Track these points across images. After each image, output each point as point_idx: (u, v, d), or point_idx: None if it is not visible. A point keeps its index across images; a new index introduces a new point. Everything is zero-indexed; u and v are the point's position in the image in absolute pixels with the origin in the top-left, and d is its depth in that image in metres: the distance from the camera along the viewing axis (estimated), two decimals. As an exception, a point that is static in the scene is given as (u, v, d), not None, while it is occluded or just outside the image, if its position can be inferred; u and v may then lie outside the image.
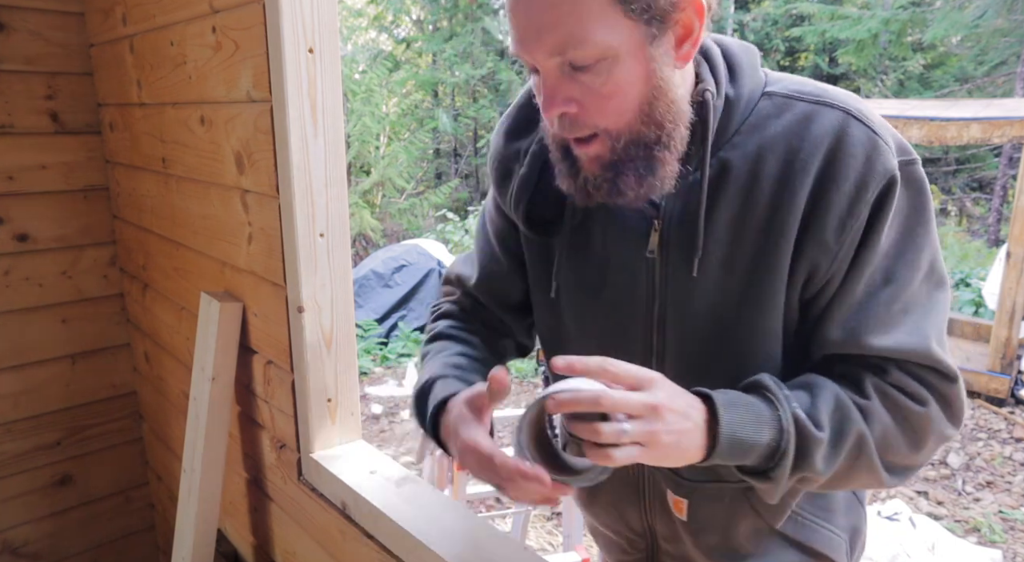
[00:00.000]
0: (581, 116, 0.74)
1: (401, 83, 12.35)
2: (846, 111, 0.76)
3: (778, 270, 0.78)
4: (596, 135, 0.75)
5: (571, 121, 0.74)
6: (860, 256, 0.77)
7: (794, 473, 0.76)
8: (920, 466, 0.84)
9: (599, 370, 0.70)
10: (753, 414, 0.74)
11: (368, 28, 13.87)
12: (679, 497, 0.94)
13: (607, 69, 0.71)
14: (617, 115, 0.74)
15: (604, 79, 0.71)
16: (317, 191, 1.09)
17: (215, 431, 1.32)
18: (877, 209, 0.75)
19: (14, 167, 1.72)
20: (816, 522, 0.95)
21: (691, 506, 0.93)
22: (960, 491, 3.63)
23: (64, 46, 1.73)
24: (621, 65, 0.71)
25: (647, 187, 0.77)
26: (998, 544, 3.19)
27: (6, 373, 1.80)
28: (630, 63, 0.71)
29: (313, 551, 1.24)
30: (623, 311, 0.88)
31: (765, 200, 0.77)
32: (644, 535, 1.02)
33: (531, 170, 0.89)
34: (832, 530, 0.97)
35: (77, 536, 2.00)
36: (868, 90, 12.09)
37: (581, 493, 1.08)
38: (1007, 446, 4.00)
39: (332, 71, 1.07)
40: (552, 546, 3.18)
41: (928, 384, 0.80)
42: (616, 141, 0.75)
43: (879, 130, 0.76)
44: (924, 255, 0.79)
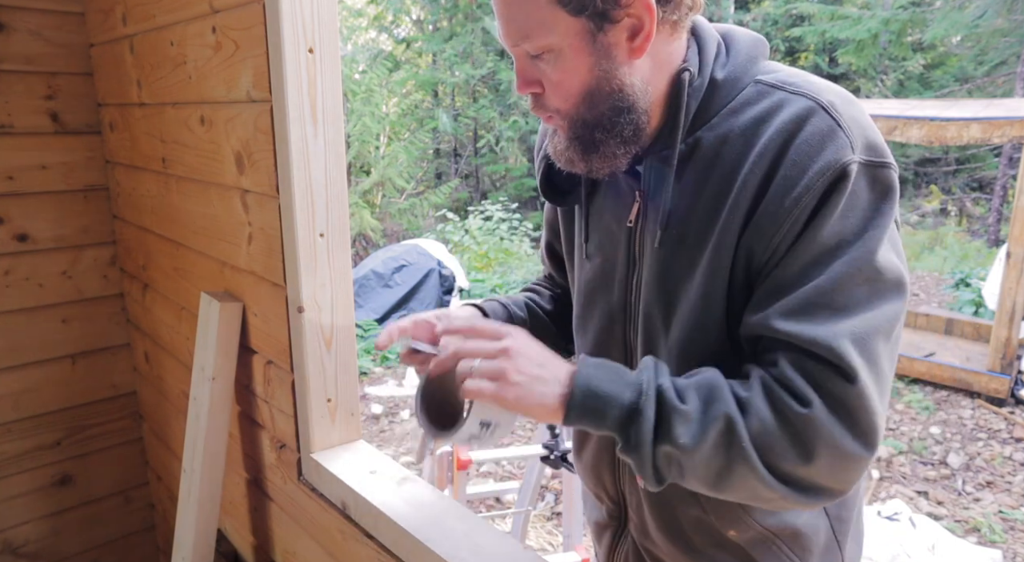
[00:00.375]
0: (542, 97, 0.84)
1: (401, 83, 12.35)
2: (816, 101, 0.77)
3: (720, 250, 0.80)
4: (552, 114, 0.85)
5: (535, 101, 0.85)
6: (797, 245, 0.75)
7: (657, 444, 0.75)
8: (823, 485, 0.75)
9: (468, 329, 0.83)
10: (614, 373, 0.79)
11: (368, 28, 13.87)
12: None
13: (553, 59, 0.80)
14: (563, 100, 0.82)
15: (552, 68, 0.80)
16: (317, 191, 1.09)
17: (215, 431, 1.32)
18: (823, 200, 0.74)
19: (14, 167, 1.72)
20: (780, 548, 0.93)
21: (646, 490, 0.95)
22: (960, 491, 3.63)
23: (64, 46, 1.73)
24: (564, 57, 0.79)
25: (590, 163, 0.85)
26: (998, 544, 3.19)
27: (6, 373, 1.80)
28: (572, 55, 0.79)
29: (313, 551, 1.24)
30: (609, 276, 0.96)
31: (722, 178, 0.81)
32: (618, 502, 1.05)
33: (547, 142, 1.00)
34: (784, 551, 0.94)
35: (77, 536, 2.00)
36: (868, 90, 12.10)
37: (575, 451, 1.13)
38: (1007, 446, 4.00)
39: (332, 71, 1.07)
40: (552, 546, 3.18)
41: (817, 383, 0.73)
42: (563, 120, 0.84)
43: (844, 123, 0.76)
44: (876, 257, 0.74)
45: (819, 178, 0.74)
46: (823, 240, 0.75)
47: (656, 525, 0.98)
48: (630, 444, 0.76)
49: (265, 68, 1.07)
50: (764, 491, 0.75)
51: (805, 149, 0.75)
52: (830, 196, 0.74)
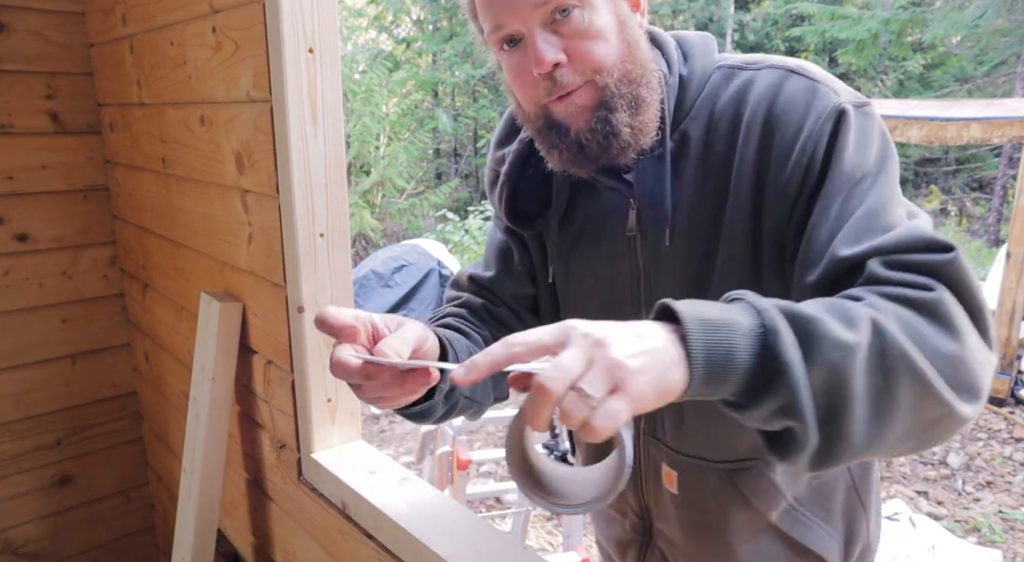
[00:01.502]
0: (571, 65, 0.78)
1: (401, 83, 12.35)
2: (783, 68, 0.81)
3: (739, 230, 0.80)
4: (584, 84, 0.79)
5: (561, 73, 0.78)
6: (824, 190, 0.74)
7: (809, 366, 0.56)
8: (976, 372, 0.62)
9: (506, 356, 0.55)
10: (718, 307, 0.60)
11: (368, 28, 13.87)
12: (670, 468, 0.95)
13: (588, 16, 0.77)
14: (605, 55, 0.78)
15: (587, 25, 0.77)
16: (317, 191, 1.09)
17: (215, 431, 1.32)
18: (831, 142, 0.74)
19: (14, 167, 1.72)
20: (812, 519, 0.94)
21: (681, 479, 0.94)
22: (960, 491, 3.63)
23: (64, 46, 1.73)
24: (598, 13, 0.78)
25: (637, 127, 0.80)
26: (998, 544, 3.19)
27: (6, 373, 1.80)
28: (604, 13, 0.78)
29: (313, 551, 1.24)
30: (613, 294, 0.92)
31: (718, 163, 0.82)
32: (641, 515, 1.03)
33: (512, 166, 0.95)
34: (827, 530, 0.96)
35: (77, 536, 2.00)
36: (868, 90, 12.09)
37: (580, 460, 1.09)
38: (1007, 446, 4.00)
39: (332, 71, 1.07)
40: (552, 546, 3.18)
41: (926, 269, 0.65)
42: (609, 78, 0.79)
43: (820, 78, 0.78)
44: (895, 181, 0.75)
45: (818, 124, 0.75)
46: (850, 175, 0.73)
47: (689, 531, 0.96)
48: (778, 383, 0.56)
49: (265, 68, 1.07)
50: (930, 404, 0.60)
51: (792, 107, 0.77)
52: (836, 137, 0.74)
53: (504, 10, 0.77)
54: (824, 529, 0.95)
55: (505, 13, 0.77)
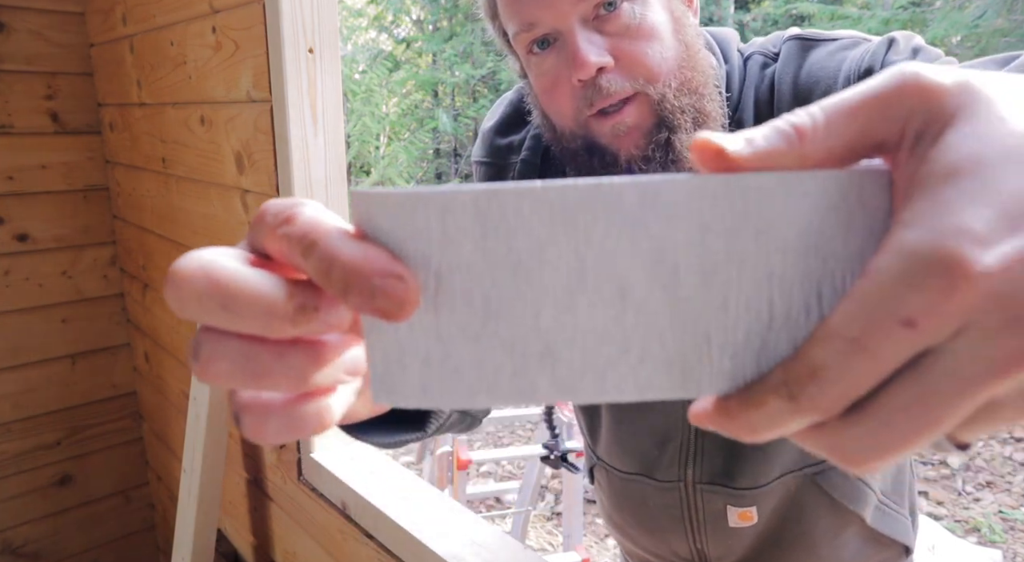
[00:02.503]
0: (620, 70, 0.65)
1: (401, 83, 12.35)
2: (795, 38, 0.74)
3: None
4: (634, 96, 0.66)
5: (608, 78, 0.65)
6: None
7: None
8: None
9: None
10: None
11: (368, 28, 13.87)
12: (743, 509, 0.84)
13: (640, 11, 0.65)
14: (660, 59, 0.65)
15: (639, 21, 0.64)
16: (317, 191, 1.09)
17: (215, 431, 1.32)
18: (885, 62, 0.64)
19: (14, 167, 1.72)
20: (896, 510, 0.89)
21: (760, 510, 0.84)
22: (960, 491, 3.63)
23: (64, 46, 1.73)
24: (650, 7, 0.66)
25: (666, 161, 0.68)
26: (998, 544, 3.19)
27: (6, 373, 1.80)
28: (658, 8, 0.67)
29: (313, 551, 1.24)
30: None
31: None
32: (691, 558, 0.92)
33: (533, 153, 0.82)
34: (905, 515, 0.91)
35: (77, 536, 2.00)
36: (868, 90, 12.09)
37: (614, 516, 0.96)
38: (1007, 446, 4.00)
39: (332, 71, 1.07)
40: (552, 546, 3.18)
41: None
42: (666, 88, 0.66)
43: (836, 36, 0.71)
44: None
45: (863, 60, 0.64)
46: None
47: (759, 552, 0.87)
48: None
49: (265, 68, 1.07)
50: None
51: (820, 66, 0.68)
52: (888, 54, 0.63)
53: (537, 4, 0.65)
54: (903, 515, 0.90)
55: (538, 8, 0.65)
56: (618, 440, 0.89)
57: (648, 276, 0.21)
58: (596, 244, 0.21)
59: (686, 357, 0.21)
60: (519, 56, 0.72)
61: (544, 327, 0.21)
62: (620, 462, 0.90)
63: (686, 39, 0.68)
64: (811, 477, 0.82)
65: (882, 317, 0.18)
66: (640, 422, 0.85)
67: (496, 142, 0.86)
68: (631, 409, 0.85)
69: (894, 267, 0.18)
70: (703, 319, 0.21)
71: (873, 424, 0.19)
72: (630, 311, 0.21)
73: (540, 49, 0.68)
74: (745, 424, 0.21)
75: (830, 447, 0.21)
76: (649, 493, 0.88)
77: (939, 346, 0.19)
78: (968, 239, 0.17)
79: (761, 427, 0.21)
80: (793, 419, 0.20)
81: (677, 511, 0.88)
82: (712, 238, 0.21)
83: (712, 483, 0.83)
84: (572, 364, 0.22)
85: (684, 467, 0.84)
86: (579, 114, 0.67)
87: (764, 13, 13.41)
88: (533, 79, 0.72)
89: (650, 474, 0.87)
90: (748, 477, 0.81)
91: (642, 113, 0.66)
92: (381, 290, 0.20)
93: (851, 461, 0.20)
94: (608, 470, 0.93)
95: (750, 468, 0.81)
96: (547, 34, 0.66)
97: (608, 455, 0.93)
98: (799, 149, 0.21)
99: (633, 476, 0.89)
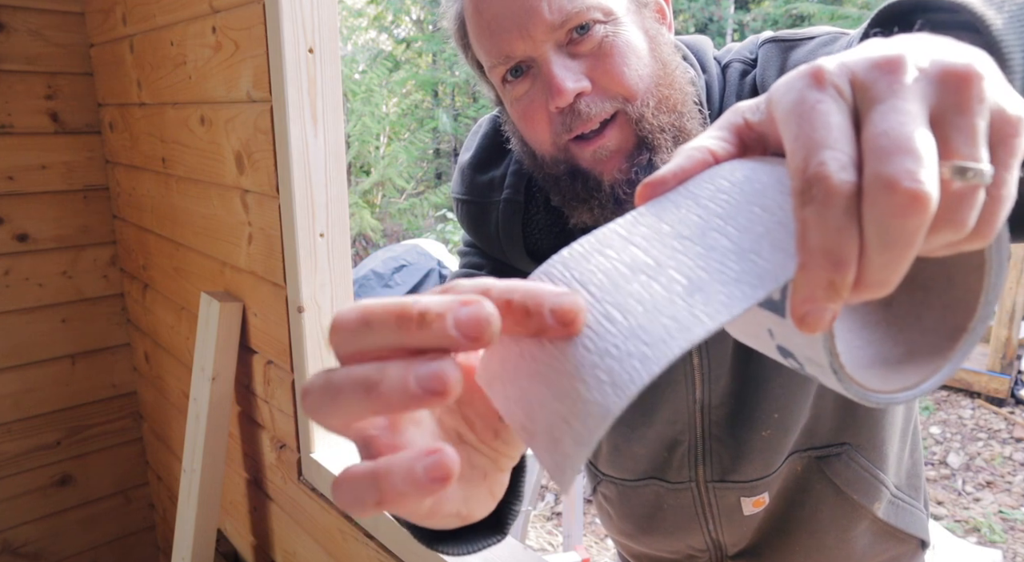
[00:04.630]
0: (597, 92, 0.65)
1: (401, 83, 12.35)
2: (769, 39, 0.74)
3: None
4: (615, 116, 0.66)
5: (585, 102, 0.65)
6: None
7: None
8: None
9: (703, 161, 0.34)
10: None
11: (368, 28, 13.87)
12: (756, 497, 0.85)
13: (612, 30, 0.65)
14: (637, 77, 0.65)
15: (612, 40, 0.64)
16: (317, 191, 1.09)
17: (215, 431, 1.32)
18: None
19: (14, 167, 1.72)
20: (912, 504, 0.89)
21: (770, 493, 0.85)
22: (960, 491, 3.63)
23: (64, 46, 1.73)
24: (624, 27, 0.65)
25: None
26: (998, 544, 3.19)
27: (6, 373, 1.80)
28: (631, 27, 0.66)
29: (313, 551, 1.24)
30: None
31: None
32: (708, 549, 0.92)
33: (515, 190, 0.79)
34: (920, 509, 0.90)
35: (77, 536, 2.00)
36: (868, 90, 12.08)
37: (625, 527, 0.96)
38: (1007, 446, 4.00)
39: (332, 71, 1.07)
40: (552, 546, 3.18)
41: None
42: (644, 107, 0.66)
43: (808, 34, 0.72)
44: None
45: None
46: None
47: (770, 537, 0.87)
48: None
49: (265, 68, 1.07)
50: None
51: (766, 72, 0.70)
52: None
53: (511, 35, 0.64)
54: (919, 509, 0.90)
55: (512, 39, 0.64)
56: (626, 450, 0.89)
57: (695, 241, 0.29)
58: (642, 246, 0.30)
59: (747, 269, 0.27)
60: (493, 86, 0.71)
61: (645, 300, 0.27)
62: (629, 471, 0.90)
63: (662, 57, 0.68)
64: (816, 461, 0.82)
65: (802, 110, 0.26)
66: (646, 430, 0.85)
67: (476, 179, 0.83)
68: (636, 421, 0.84)
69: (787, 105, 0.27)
70: (743, 246, 0.28)
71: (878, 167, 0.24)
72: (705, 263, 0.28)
73: (514, 77, 0.67)
74: (824, 252, 0.25)
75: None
76: (663, 495, 0.88)
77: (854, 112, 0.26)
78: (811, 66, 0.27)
79: (832, 244, 0.25)
80: (830, 210, 0.24)
81: (692, 510, 0.88)
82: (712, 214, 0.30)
83: (723, 480, 0.84)
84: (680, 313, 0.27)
85: (694, 468, 0.85)
86: (558, 139, 0.67)
87: (764, 13, 13.42)
88: (509, 107, 0.71)
89: (662, 476, 0.87)
90: (758, 469, 0.82)
91: (623, 135, 0.66)
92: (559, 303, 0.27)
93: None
94: (616, 483, 0.93)
95: (760, 460, 0.81)
96: (521, 62, 0.66)
97: (613, 468, 0.92)
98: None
99: (645, 481, 0.89)
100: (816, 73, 0.27)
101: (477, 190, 0.83)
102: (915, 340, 0.35)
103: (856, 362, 0.34)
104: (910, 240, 0.24)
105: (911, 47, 0.27)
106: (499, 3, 0.64)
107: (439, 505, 0.30)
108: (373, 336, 0.26)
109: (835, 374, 0.30)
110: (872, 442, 0.83)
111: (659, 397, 0.82)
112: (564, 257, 0.30)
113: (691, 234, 0.29)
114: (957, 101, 0.25)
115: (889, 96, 0.25)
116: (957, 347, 0.33)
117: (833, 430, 0.82)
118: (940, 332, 0.34)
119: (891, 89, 0.25)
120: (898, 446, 0.87)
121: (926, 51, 0.26)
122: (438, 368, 0.25)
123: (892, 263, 0.25)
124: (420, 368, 0.25)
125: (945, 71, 0.25)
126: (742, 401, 0.78)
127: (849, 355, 0.35)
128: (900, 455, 0.88)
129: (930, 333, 0.34)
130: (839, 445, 0.82)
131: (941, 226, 0.25)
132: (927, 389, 0.33)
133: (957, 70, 0.25)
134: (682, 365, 0.79)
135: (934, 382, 0.33)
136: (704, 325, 0.25)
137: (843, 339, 0.36)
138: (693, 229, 0.29)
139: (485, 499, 0.33)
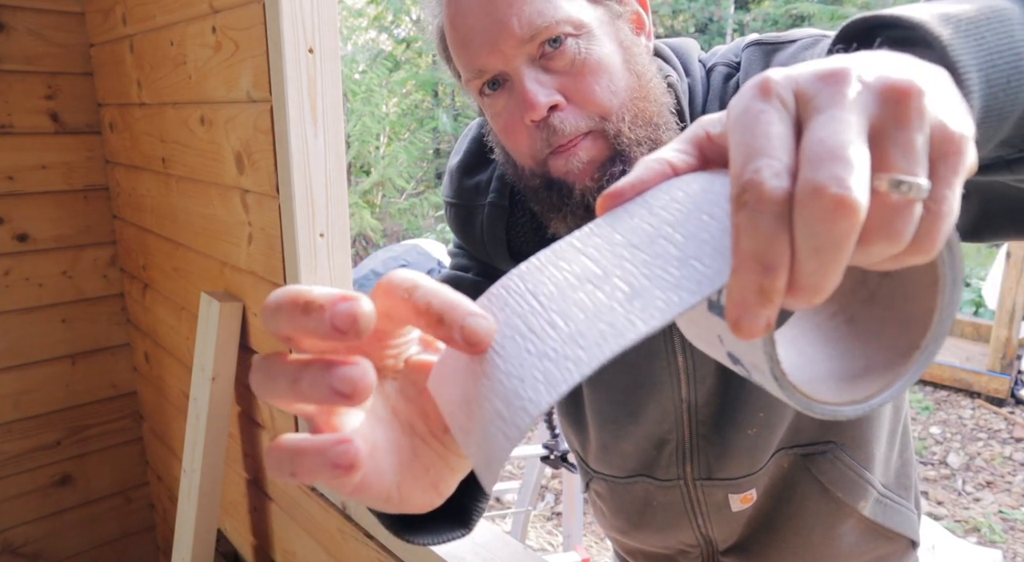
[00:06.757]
0: (572, 108, 0.66)
1: (401, 83, 12.34)
2: (753, 42, 0.74)
3: None
4: (589, 133, 0.67)
5: (560, 117, 0.65)
6: None
7: None
8: None
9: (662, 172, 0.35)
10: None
11: (368, 28, 13.86)
12: (744, 493, 0.86)
13: (585, 45, 0.65)
14: (610, 94, 0.66)
15: (584, 56, 0.65)
16: (317, 191, 1.09)
17: (215, 431, 1.32)
18: None
19: (14, 167, 1.72)
20: (900, 502, 0.89)
21: (757, 489, 0.86)
22: (960, 491, 3.63)
23: (64, 46, 1.73)
24: (597, 41, 0.66)
25: None
26: (998, 544, 3.19)
27: (6, 373, 1.80)
28: (604, 40, 0.66)
29: (313, 551, 1.24)
30: (637, 350, 0.79)
31: None
32: (698, 545, 0.94)
33: (500, 195, 0.80)
34: (910, 508, 0.91)
35: (77, 536, 2.00)
36: (868, 90, 12.07)
37: (618, 523, 0.96)
38: (1007, 446, 4.00)
39: (332, 71, 1.07)
40: (552, 546, 3.18)
41: None
42: (620, 123, 0.66)
43: (791, 37, 0.72)
44: None
45: None
46: None
47: (768, 532, 0.88)
48: None
49: (265, 68, 1.07)
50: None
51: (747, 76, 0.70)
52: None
53: (482, 50, 0.65)
54: (909, 509, 0.90)
55: (484, 54, 0.65)
56: (614, 448, 0.90)
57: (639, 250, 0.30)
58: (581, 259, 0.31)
59: (687, 275, 0.27)
60: (474, 97, 0.73)
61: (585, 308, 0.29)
62: (618, 468, 0.91)
63: (637, 69, 0.68)
64: (801, 459, 0.83)
65: (746, 120, 0.27)
66: (633, 428, 0.86)
67: (463, 183, 0.85)
68: (623, 419, 0.85)
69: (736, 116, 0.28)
70: (687, 253, 0.28)
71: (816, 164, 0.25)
72: (645, 271, 0.29)
73: (491, 90, 0.68)
74: (756, 258, 0.25)
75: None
76: (652, 492, 0.89)
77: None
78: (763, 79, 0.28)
79: (762, 249, 0.25)
80: (764, 210, 0.25)
81: (681, 506, 0.89)
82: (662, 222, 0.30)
83: (710, 478, 0.85)
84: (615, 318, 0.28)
85: (681, 465, 0.86)
86: (538, 153, 0.68)
87: (764, 13, 13.42)
88: (490, 120, 0.72)
89: (651, 473, 0.88)
90: (744, 466, 0.83)
91: (598, 148, 0.67)
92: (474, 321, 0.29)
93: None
94: (607, 480, 0.94)
95: (746, 458, 0.82)
96: (496, 76, 0.67)
97: (603, 465, 0.93)
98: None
99: (634, 478, 0.90)
100: (763, 84, 0.27)
101: (464, 194, 0.84)
102: (873, 355, 0.35)
103: (812, 374, 0.35)
104: (839, 246, 0.24)
105: (859, 62, 0.27)
106: (472, 18, 0.65)
107: (366, 485, 0.32)
108: (281, 318, 0.29)
109: (776, 380, 0.31)
110: (857, 441, 0.83)
111: (645, 397, 0.83)
112: (521, 270, 0.32)
113: (640, 242, 0.30)
114: (896, 115, 0.26)
115: (829, 106, 0.26)
116: (909, 364, 0.33)
117: (818, 428, 0.82)
118: (896, 349, 0.34)
119: (832, 100, 0.26)
120: (886, 446, 0.88)
121: (874, 66, 0.27)
122: (348, 373, 0.28)
123: (823, 269, 0.25)
124: (335, 372, 0.28)
125: (887, 86, 0.26)
126: (728, 400, 0.79)
127: (806, 367, 0.35)
128: (888, 455, 0.89)
129: (887, 350, 0.35)
130: (824, 443, 0.83)
131: (876, 237, 0.26)
132: (876, 404, 0.33)
133: (899, 85, 0.26)
134: (667, 366, 0.80)
135: (884, 397, 0.33)
136: (637, 329, 0.26)
137: (802, 351, 0.37)
138: (643, 238, 0.30)
139: (426, 491, 0.34)
